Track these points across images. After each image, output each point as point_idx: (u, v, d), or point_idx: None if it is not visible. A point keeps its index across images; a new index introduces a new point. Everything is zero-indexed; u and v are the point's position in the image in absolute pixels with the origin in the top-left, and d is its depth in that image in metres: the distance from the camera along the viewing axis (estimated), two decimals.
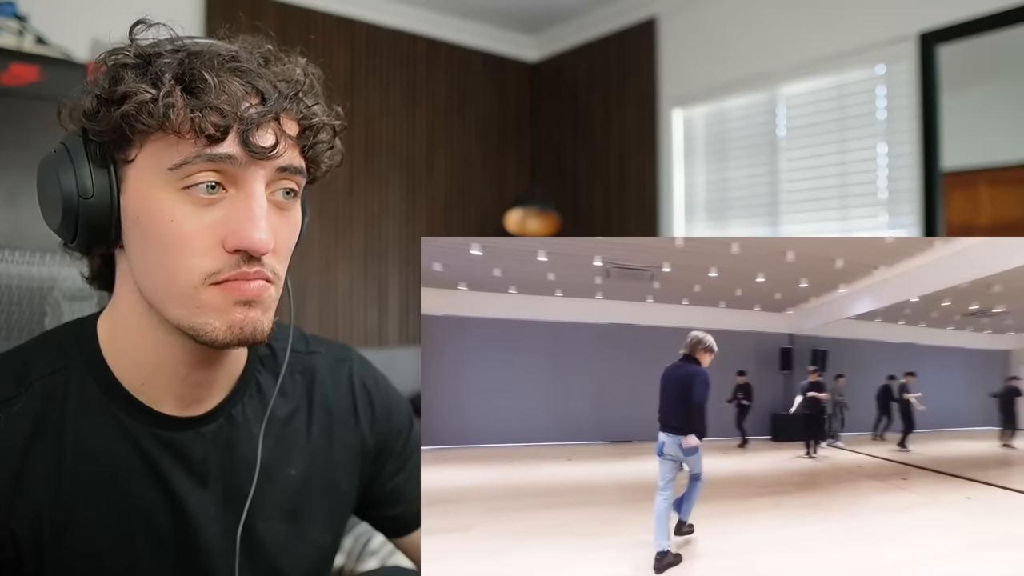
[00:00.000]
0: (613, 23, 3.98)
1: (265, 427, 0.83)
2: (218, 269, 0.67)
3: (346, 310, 3.74)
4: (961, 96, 2.71)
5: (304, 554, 0.86)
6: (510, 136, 4.44)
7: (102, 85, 0.67)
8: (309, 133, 0.73)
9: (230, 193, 0.68)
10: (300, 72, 0.73)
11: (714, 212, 3.60)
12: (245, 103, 0.67)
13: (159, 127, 0.65)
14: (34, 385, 0.72)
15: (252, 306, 0.69)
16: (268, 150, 0.67)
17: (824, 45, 3.08)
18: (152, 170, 0.67)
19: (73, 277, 1.05)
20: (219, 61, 0.67)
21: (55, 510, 0.71)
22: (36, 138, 2.33)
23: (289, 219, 0.74)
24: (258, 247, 0.67)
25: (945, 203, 2.73)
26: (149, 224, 0.67)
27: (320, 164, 0.78)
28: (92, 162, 0.68)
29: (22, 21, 2.52)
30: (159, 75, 0.65)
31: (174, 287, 0.68)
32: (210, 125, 0.64)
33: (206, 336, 0.69)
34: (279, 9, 3.52)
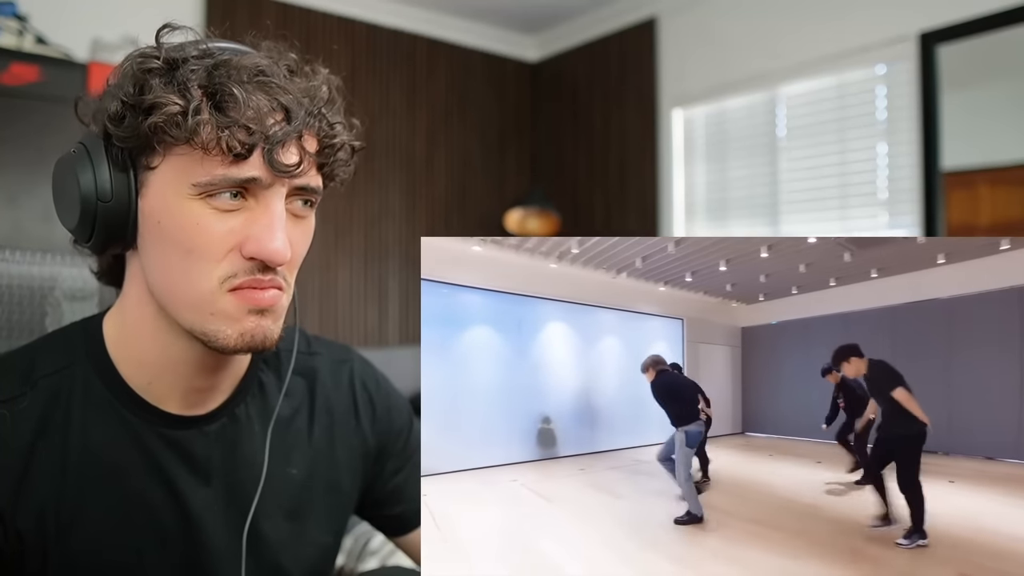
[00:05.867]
0: (613, 23, 3.98)
1: (267, 427, 0.83)
2: (233, 273, 0.68)
3: (346, 310, 3.74)
4: (961, 96, 2.71)
5: (306, 553, 0.87)
6: (510, 136, 4.44)
7: (127, 90, 0.66)
8: (329, 151, 0.74)
9: (250, 202, 0.68)
10: (324, 87, 0.73)
11: (714, 212, 3.60)
12: (270, 119, 0.67)
13: (186, 141, 0.65)
14: (40, 383, 0.73)
15: (264, 315, 0.70)
16: (292, 168, 0.68)
17: (824, 45, 3.08)
18: (176, 181, 0.67)
19: (73, 277, 1.05)
20: (248, 75, 0.67)
21: (60, 507, 0.71)
22: (36, 138, 2.33)
23: (304, 228, 0.74)
24: (276, 257, 0.67)
25: (945, 203, 2.73)
26: (172, 228, 0.67)
27: (335, 179, 0.79)
28: (113, 164, 0.68)
29: (22, 21, 2.52)
30: (185, 84, 0.65)
31: (191, 291, 0.68)
32: (237, 143, 0.64)
33: (217, 342, 0.69)
34: (279, 9, 3.52)
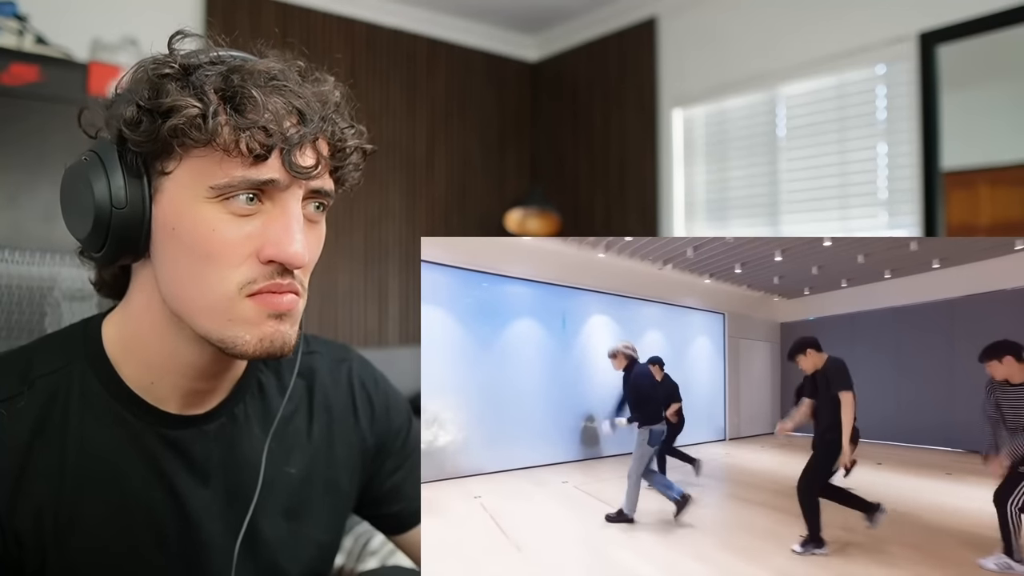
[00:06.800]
0: (613, 23, 3.98)
1: (266, 426, 0.83)
2: (253, 279, 0.68)
3: (346, 310, 3.74)
4: (961, 96, 2.71)
5: (305, 552, 0.87)
6: (510, 136, 4.44)
7: (143, 95, 0.66)
8: (341, 155, 0.74)
9: (266, 206, 0.68)
10: (334, 93, 0.74)
11: (714, 212, 3.60)
12: (287, 122, 0.67)
13: (206, 143, 0.65)
14: (37, 383, 0.72)
15: (283, 319, 0.70)
16: (310, 170, 0.68)
17: (824, 45, 3.08)
18: (193, 184, 0.67)
19: (73, 277, 1.05)
20: (263, 78, 0.67)
21: (58, 507, 0.71)
22: (36, 138, 2.33)
23: (318, 232, 0.75)
24: (295, 260, 0.67)
25: (945, 203, 2.73)
26: (188, 235, 0.67)
27: (345, 184, 0.79)
28: (127, 170, 0.68)
29: (22, 21, 2.52)
30: (202, 88, 0.65)
31: (210, 298, 0.68)
32: (257, 144, 0.64)
33: (236, 349, 0.69)
34: (279, 9, 3.52)
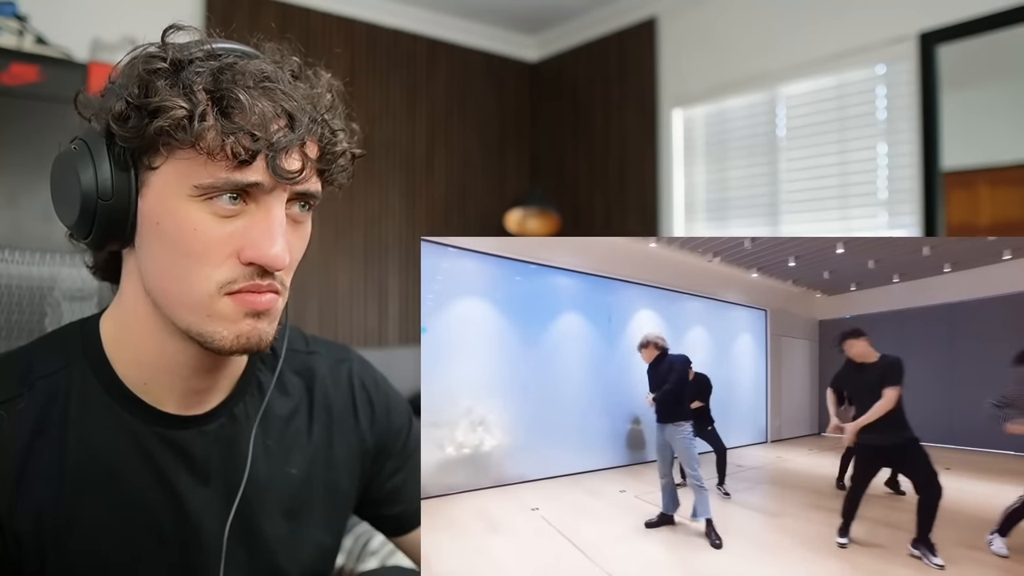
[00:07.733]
0: (613, 23, 3.98)
1: (266, 427, 0.83)
2: (233, 279, 0.68)
3: (346, 310, 3.74)
4: (961, 96, 2.71)
5: (305, 553, 0.87)
6: (510, 136, 4.44)
7: (132, 91, 0.66)
8: (331, 158, 0.74)
9: (250, 207, 0.68)
10: (327, 94, 0.74)
11: (714, 212, 3.60)
12: (274, 126, 0.67)
13: (191, 145, 0.65)
14: (37, 384, 0.72)
15: (260, 318, 0.70)
16: (295, 174, 0.68)
17: (824, 45, 3.08)
18: (178, 182, 0.67)
19: (73, 277, 1.05)
20: (253, 80, 0.67)
21: (57, 508, 0.71)
22: (36, 138, 2.33)
23: (302, 232, 0.75)
24: (275, 263, 0.68)
25: (945, 203, 2.73)
26: (171, 231, 0.68)
27: (334, 184, 0.79)
28: (114, 162, 0.68)
29: (22, 21, 2.52)
30: (191, 87, 0.65)
31: (189, 294, 0.68)
32: (242, 149, 0.65)
33: (213, 344, 0.69)
34: (279, 9, 3.52)
